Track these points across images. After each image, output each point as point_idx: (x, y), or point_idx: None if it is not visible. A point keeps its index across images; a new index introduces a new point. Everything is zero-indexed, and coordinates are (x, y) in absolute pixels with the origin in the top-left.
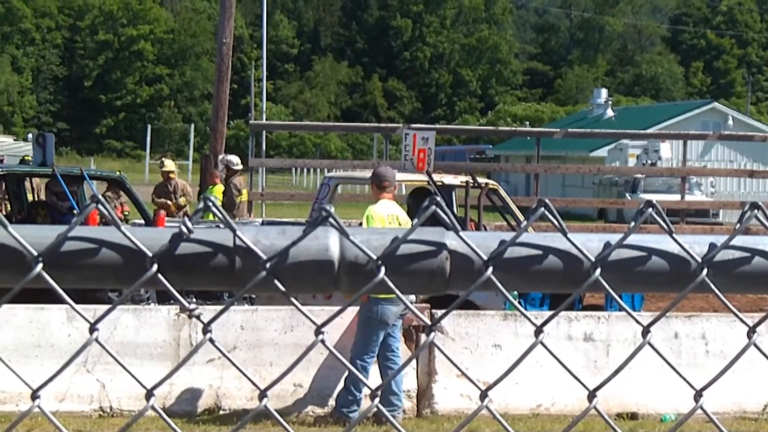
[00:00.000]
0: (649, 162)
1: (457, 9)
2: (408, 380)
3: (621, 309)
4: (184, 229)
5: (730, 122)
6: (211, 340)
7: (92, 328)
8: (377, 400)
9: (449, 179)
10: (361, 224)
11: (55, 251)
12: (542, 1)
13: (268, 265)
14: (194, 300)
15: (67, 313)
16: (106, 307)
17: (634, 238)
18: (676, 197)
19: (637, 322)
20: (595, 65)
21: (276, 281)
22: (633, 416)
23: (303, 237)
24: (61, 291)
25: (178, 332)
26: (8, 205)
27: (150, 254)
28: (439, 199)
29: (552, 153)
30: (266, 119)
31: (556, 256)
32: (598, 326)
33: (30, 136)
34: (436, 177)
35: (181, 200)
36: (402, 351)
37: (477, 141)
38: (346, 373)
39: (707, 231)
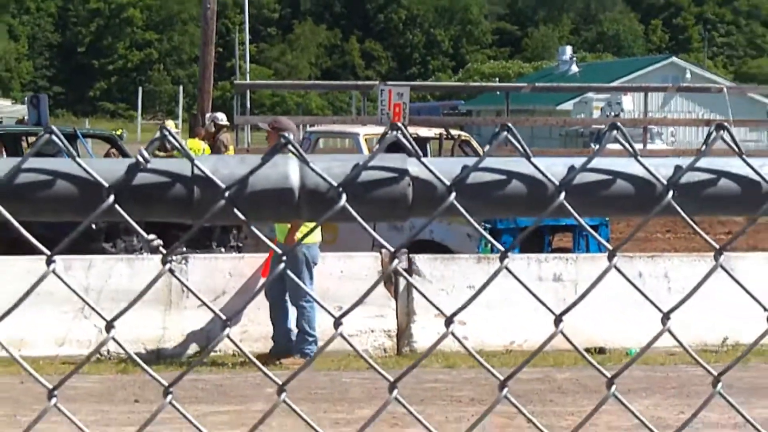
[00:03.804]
0: (613, 114)
1: None
2: (389, 321)
3: (587, 251)
4: (141, 159)
5: (688, 75)
6: (171, 271)
7: (49, 261)
8: (341, 328)
9: (424, 132)
10: None
11: (9, 183)
12: None
13: (227, 194)
14: (157, 237)
15: (64, 262)
16: (101, 257)
17: (598, 162)
18: (639, 146)
19: (604, 245)
20: (560, 24)
21: (236, 210)
22: (601, 351)
23: (262, 165)
24: (24, 231)
25: (170, 279)
26: None
27: (106, 185)
28: (400, 124)
29: (521, 107)
30: (250, 80)
31: (519, 180)
32: (567, 267)
33: (27, 96)
34: (411, 130)
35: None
36: (384, 294)
37: (450, 97)
38: (295, 319)
39: None
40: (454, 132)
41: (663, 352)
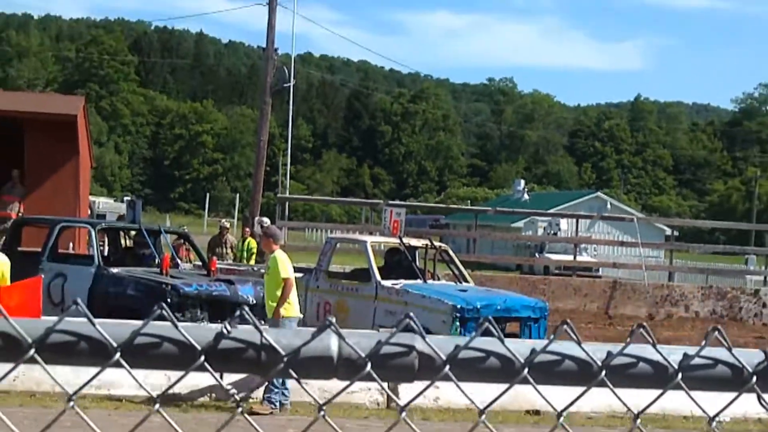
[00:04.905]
0: (552, 232)
1: (423, 121)
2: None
3: (530, 337)
4: (225, 330)
5: (609, 206)
6: (242, 412)
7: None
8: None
9: (414, 242)
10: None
11: (130, 343)
12: (481, 117)
13: (285, 359)
14: (231, 386)
15: None
16: None
17: (552, 346)
18: (570, 257)
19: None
20: (517, 163)
21: (291, 370)
22: (536, 412)
23: (312, 339)
24: (132, 373)
25: None
26: (107, 250)
27: (199, 348)
28: (411, 314)
29: (485, 223)
30: (289, 193)
31: (495, 358)
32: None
33: (126, 199)
34: (405, 240)
35: (230, 252)
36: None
37: (434, 213)
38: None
39: (592, 282)
40: (436, 243)
41: (584, 416)
